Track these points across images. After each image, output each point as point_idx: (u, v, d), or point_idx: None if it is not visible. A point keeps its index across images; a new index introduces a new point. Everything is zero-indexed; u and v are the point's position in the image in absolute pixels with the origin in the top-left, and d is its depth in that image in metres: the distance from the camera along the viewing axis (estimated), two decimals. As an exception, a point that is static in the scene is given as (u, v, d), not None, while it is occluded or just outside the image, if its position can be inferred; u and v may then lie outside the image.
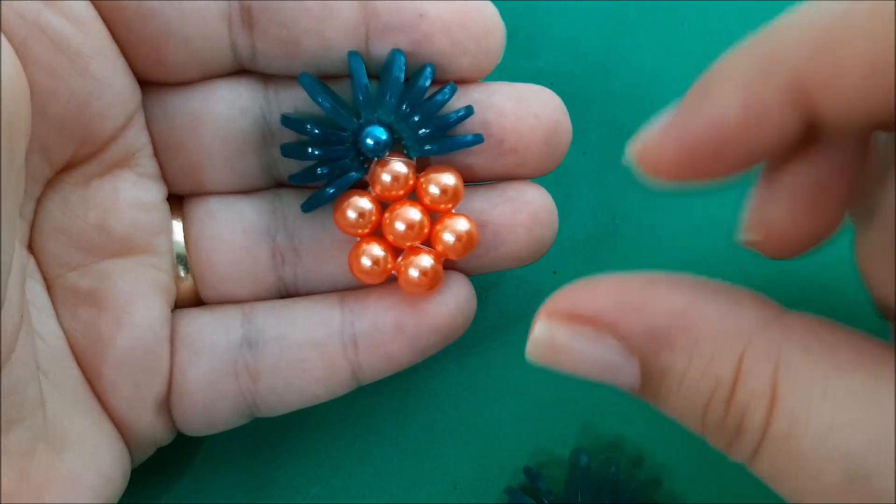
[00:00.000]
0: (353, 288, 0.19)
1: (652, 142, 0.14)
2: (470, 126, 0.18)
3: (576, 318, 0.14)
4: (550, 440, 0.21)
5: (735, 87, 0.13)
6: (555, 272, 0.21)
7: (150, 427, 0.18)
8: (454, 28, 0.17)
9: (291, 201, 0.19)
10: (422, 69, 0.18)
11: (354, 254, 0.18)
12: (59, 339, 0.18)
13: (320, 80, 0.18)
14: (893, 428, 0.12)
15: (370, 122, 0.18)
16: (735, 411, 0.13)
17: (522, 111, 0.18)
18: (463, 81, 0.18)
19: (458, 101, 0.18)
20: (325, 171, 0.18)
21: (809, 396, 0.13)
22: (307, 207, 0.18)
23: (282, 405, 0.19)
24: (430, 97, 0.18)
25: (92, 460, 0.17)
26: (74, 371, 0.18)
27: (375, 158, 0.18)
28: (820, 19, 0.12)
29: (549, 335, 0.14)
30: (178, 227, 0.19)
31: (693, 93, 0.13)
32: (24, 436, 0.16)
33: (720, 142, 0.13)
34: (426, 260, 0.18)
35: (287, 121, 0.18)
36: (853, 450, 0.12)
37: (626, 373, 0.14)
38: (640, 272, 0.15)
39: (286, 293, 0.19)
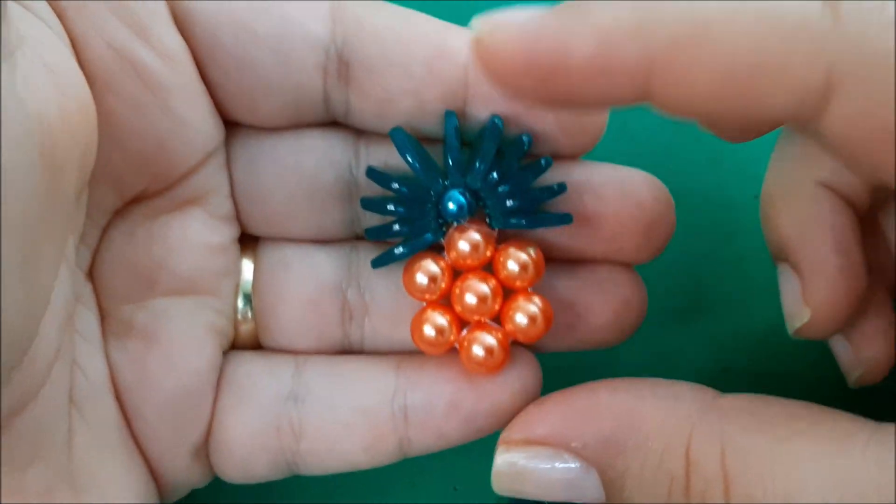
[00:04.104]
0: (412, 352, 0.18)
1: (504, 26, 0.13)
2: (565, 206, 0.17)
3: (531, 442, 0.15)
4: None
5: (600, 29, 0.13)
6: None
7: (186, 471, 0.18)
8: None
9: (368, 255, 0.18)
10: (517, 138, 0.17)
11: (418, 320, 0.17)
12: (101, 374, 0.17)
13: (412, 138, 0.17)
14: (843, 488, 0.13)
15: (455, 186, 0.17)
16: (694, 501, 0.14)
17: (625, 198, 0.17)
18: (561, 157, 0.17)
19: (554, 178, 0.17)
20: (402, 230, 0.17)
21: (759, 473, 0.13)
22: (377, 263, 0.18)
23: (321, 468, 0.18)
24: (524, 168, 0.17)
25: None
26: (112, 409, 0.17)
27: (455, 223, 0.17)
28: (698, 14, 0.12)
29: (511, 464, 0.15)
30: (248, 266, 0.18)
31: (567, 7, 0.13)
32: (43, 475, 0.15)
33: (562, 62, 0.13)
34: (491, 339, 0.17)
35: (372, 173, 0.17)
36: None
37: (589, 486, 0.15)
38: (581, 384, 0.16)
39: (350, 352, 0.18)
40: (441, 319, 0.17)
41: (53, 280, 0.15)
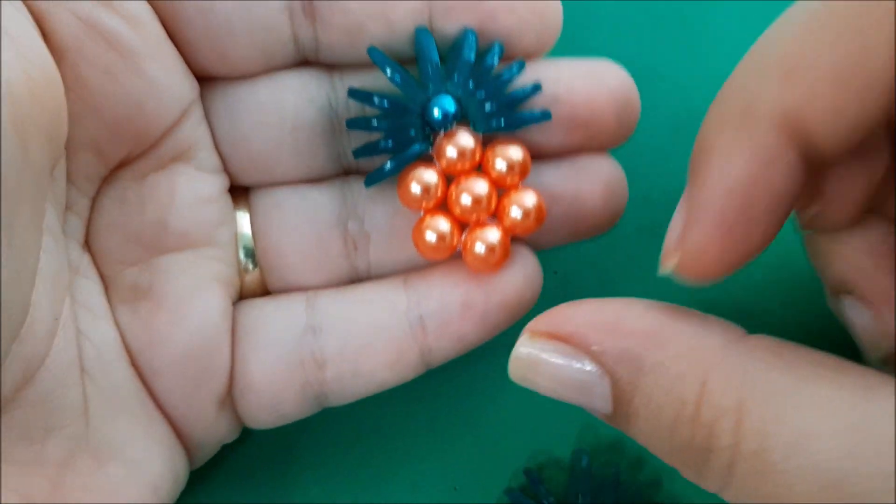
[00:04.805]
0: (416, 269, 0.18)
1: (687, 246, 0.14)
2: (540, 102, 0.18)
3: (555, 336, 0.15)
4: (551, 441, 0.20)
5: (728, 148, 0.13)
6: (555, 272, 0.21)
7: (213, 425, 0.18)
8: (518, 5, 0.17)
9: (361, 188, 0.18)
10: (490, 47, 0.18)
11: (418, 228, 0.18)
12: (110, 340, 0.17)
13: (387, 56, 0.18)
14: (859, 436, 0.12)
15: (438, 94, 0.17)
16: (701, 430, 0.13)
17: (594, 86, 0.18)
18: (527, 57, 0.18)
19: (526, 79, 0.18)
20: (389, 145, 0.18)
21: (776, 409, 0.13)
22: (369, 181, 0.18)
23: (350, 393, 0.18)
24: (498, 74, 0.18)
25: (138, 469, 0.17)
26: (126, 374, 0.17)
27: (442, 131, 0.18)
28: (782, 46, 0.13)
29: (530, 352, 0.15)
30: (244, 218, 0.18)
31: (694, 177, 0.14)
32: (62, 445, 0.15)
33: (746, 206, 0.14)
34: (493, 235, 0.17)
35: (354, 93, 0.18)
36: (822, 459, 0.12)
37: (599, 394, 0.14)
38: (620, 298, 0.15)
39: (358, 281, 0.19)
40: (442, 224, 0.18)
41: (36, 251, 0.15)
